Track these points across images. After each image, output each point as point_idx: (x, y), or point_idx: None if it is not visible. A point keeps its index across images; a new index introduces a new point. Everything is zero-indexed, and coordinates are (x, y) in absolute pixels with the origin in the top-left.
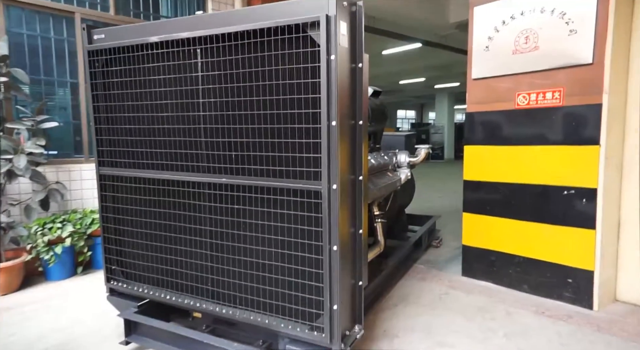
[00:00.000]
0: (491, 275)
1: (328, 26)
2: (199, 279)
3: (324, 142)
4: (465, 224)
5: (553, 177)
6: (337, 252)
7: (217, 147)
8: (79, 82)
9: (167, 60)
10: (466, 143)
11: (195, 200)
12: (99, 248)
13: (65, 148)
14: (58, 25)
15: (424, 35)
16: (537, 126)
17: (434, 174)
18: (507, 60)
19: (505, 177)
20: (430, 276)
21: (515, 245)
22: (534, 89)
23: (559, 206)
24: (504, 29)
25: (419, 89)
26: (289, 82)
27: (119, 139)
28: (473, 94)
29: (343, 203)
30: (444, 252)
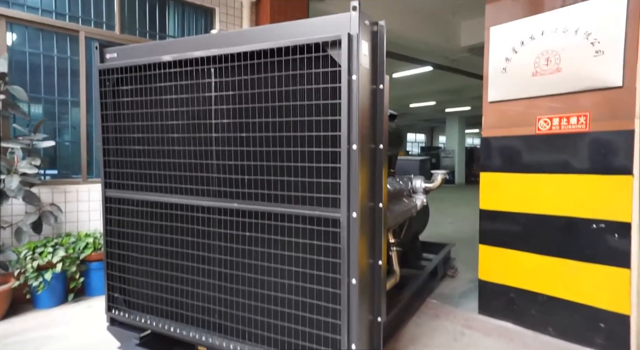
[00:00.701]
0: (511, 314)
1: (350, 45)
2: (206, 310)
3: (343, 167)
4: (481, 256)
5: (580, 209)
6: (356, 286)
7: (229, 171)
8: (80, 101)
9: (179, 80)
10: (482, 170)
11: (204, 226)
12: (92, 274)
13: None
14: (62, 44)
15: (434, 59)
16: (561, 153)
17: (445, 199)
18: (527, 83)
19: (526, 208)
20: (444, 313)
21: (538, 283)
22: (556, 113)
23: (587, 241)
24: (523, 49)
25: (429, 113)
26: (307, 103)
27: (127, 161)
28: (489, 118)
29: (362, 232)
30: (458, 285)
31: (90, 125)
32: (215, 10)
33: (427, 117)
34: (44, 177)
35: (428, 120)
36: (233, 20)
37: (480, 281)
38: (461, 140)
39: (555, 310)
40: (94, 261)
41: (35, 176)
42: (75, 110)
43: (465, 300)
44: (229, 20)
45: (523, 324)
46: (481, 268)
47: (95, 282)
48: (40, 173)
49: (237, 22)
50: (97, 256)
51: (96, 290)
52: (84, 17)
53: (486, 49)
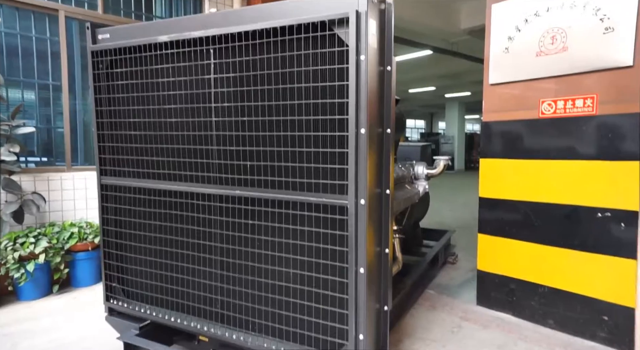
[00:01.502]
0: (510, 306)
1: (358, 23)
2: (207, 300)
3: (351, 152)
4: (480, 246)
5: (584, 197)
6: (364, 275)
7: (230, 156)
8: (61, 85)
9: (177, 62)
10: (482, 156)
11: (205, 214)
12: (78, 264)
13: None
14: (40, 24)
15: (434, 42)
16: (566, 138)
17: (444, 185)
18: (530, 63)
19: (527, 195)
20: (441, 304)
21: (538, 273)
22: (561, 95)
23: (591, 230)
24: (527, 28)
25: (429, 98)
26: (312, 85)
27: (123, 146)
28: (490, 101)
29: (370, 219)
30: (457, 274)
31: (73, 110)
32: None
33: (427, 103)
34: (25, 164)
35: (427, 106)
36: (223, 0)
37: (478, 272)
38: (461, 126)
39: (556, 302)
40: (79, 251)
41: (14, 163)
42: (57, 95)
43: (464, 290)
44: (219, 0)
45: (523, 316)
46: (480, 258)
47: (81, 273)
48: (20, 160)
49: (228, 3)
50: (82, 246)
51: (82, 281)
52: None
53: (487, 28)
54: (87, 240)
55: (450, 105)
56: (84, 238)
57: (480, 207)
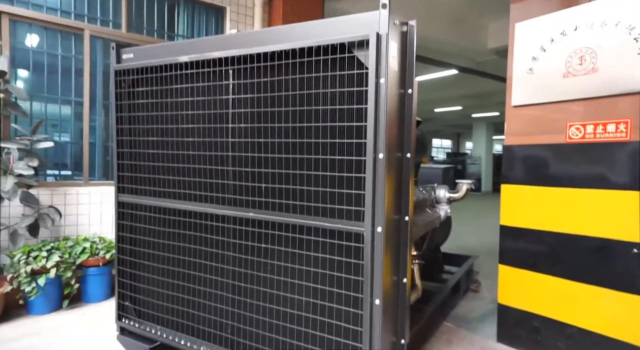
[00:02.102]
0: (534, 345)
1: (378, 46)
2: (218, 324)
3: (368, 177)
4: (501, 278)
5: (616, 230)
6: (379, 307)
7: (245, 178)
8: (83, 102)
9: (197, 82)
10: (504, 181)
11: (218, 236)
12: (89, 279)
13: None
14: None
15: (460, 62)
16: (596, 165)
17: (469, 208)
18: (557, 85)
19: (553, 226)
20: (458, 339)
21: (566, 312)
22: (590, 119)
23: (625, 267)
24: (553, 47)
25: (455, 118)
26: (330, 107)
27: (142, 165)
28: (513, 124)
29: (387, 248)
30: (477, 305)
31: (93, 126)
32: (226, 9)
33: (453, 123)
34: (45, 178)
35: (454, 125)
36: (245, 19)
37: (499, 305)
38: (489, 146)
39: (586, 345)
40: (91, 267)
41: (32, 177)
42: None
43: (484, 324)
44: (240, 19)
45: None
46: (501, 291)
47: (92, 289)
48: (40, 174)
49: (249, 21)
50: (94, 262)
51: (93, 296)
52: (89, 15)
53: (510, 48)
54: (99, 256)
55: (478, 125)
56: (95, 253)
57: (501, 235)
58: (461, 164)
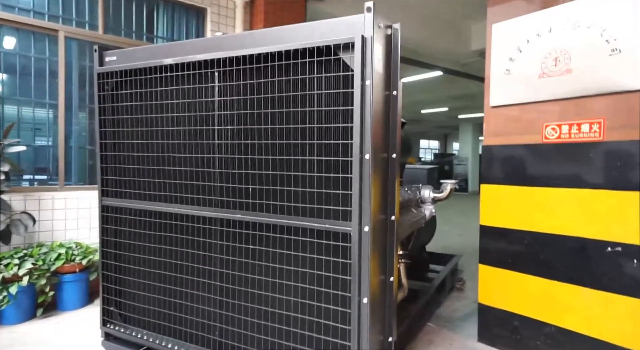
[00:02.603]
0: (514, 344)
1: (363, 48)
2: (206, 327)
3: (355, 178)
4: (482, 278)
5: (592, 229)
6: (367, 305)
7: (232, 180)
8: (58, 104)
9: (181, 84)
10: (483, 182)
11: (205, 238)
12: (65, 287)
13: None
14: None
15: (444, 63)
16: (571, 165)
17: (455, 208)
18: (532, 86)
19: (531, 225)
20: (440, 339)
21: (545, 311)
22: (565, 119)
23: (601, 266)
24: (529, 48)
25: (442, 119)
26: (316, 109)
27: (126, 168)
28: (491, 124)
29: (374, 247)
30: (460, 305)
31: (69, 129)
32: (207, 10)
33: (441, 124)
34: (19, 183)
35: (441, 126)
36: (226, 21)
37: (480, 305)
38: (475, 147)
39: (564, 343)
40: (66, 273)
41: (3, 182)
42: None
43: (466, 324)
44: (221, 21)
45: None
46: (481, 291)
47: (67, 296)
48: (12, 179)
49: (230, 22)
50: (70, 268)
51: (69, 304)
52: (64, 16)
53: (488, 49)
54: (75, 262)
55: (464, 126)
56: (71, 259)
57: (481, 235)
58: (448, 165)
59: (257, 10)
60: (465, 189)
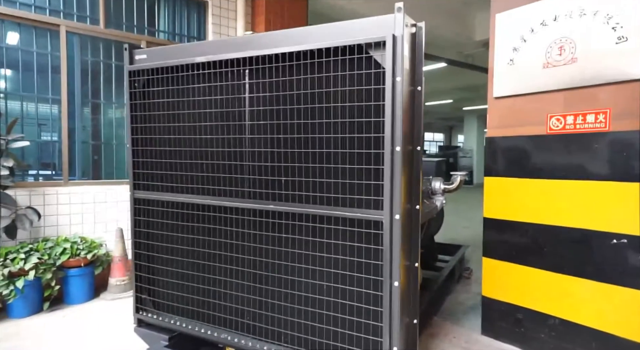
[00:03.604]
0: (517, 337)
1: (394, 47)
2: (238, 311)
3: (387, 169)
4: (485, 271)
5: (597, 221)
6: (398, 288)
7: (265, 172)
8: (61, 99)
9: (211, 81)
10: (487, 174)
11: (238, 228)
12: (71, 281)
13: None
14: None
15: (448, 54)
16: (576, 156)
17: (461, 200)
18: (537, 76)
19: (535, 217)
20: (443, 332)
21: (548, 303)
22: (570, 110)
23: (605, 258)
24: (533, 38)
25: (447, 111)
26: (348, 104)
27: (157, 162)
28: (495, 115)
29: (403, 234)
30: (463, 298)
31: (73, 124)
32: (208, 3)
33: (445, 116)
34: (23, 178)
35: (446, 118)
36: (227, 14)
37: (483, 298)
38: (480, 139)
39: (568, 335)
40: (72, 267)
41: (8, 178)
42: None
43: (469, 317)
44: (222, 14)
45: (531, 349)
46: (485, 284)
47: (73, 290)
48: (17, 174)
49: (232, 16)
50: (75, 262)
51: (75, 298)
52: (65, 11)
53: (491, 39)
54: (80, 256)
55: (469, 118)
56: (76, 254)
57: (484, 228)
58: (453, 157)
59: (258, 3)
60: (471, 182)
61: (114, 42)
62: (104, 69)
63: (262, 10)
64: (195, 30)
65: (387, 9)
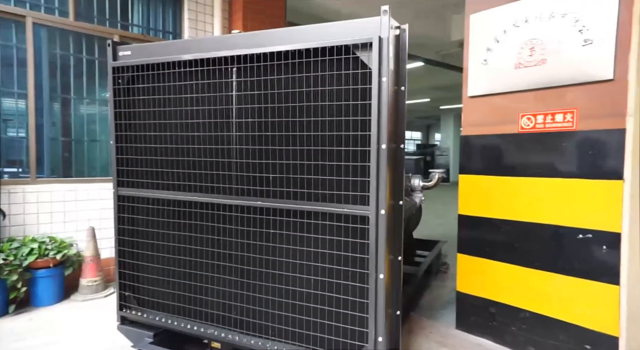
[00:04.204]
0: (490, 330)
1: (380, 48)
2: (224, 306)
3: (373, 166)
4: (460, 267)
5: (565, 217)
6: (383, 280)
7: (252, 169)
8: (28, 94)
9: (198, 79)
10: (462, 172)
11: (222, 224)
12: (39, 282)
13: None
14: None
15: (425, 54)
16: (546, 154)
17: (437, 198)
18: (509, 76)
19: (508, 214)
20: (418, 328)
21: (520, 297)
22: (540, 109)
23: (573, 253)
24: (505, 39)
25: (425, 110)
26: (336, 103)
27: (141, 159)
28: (469, 114)
29: (388, 228)
30: (440, 294)
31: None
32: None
33: (423, 114)
34: None
35: (424, 117)
36: (204, 9)
37: (458, 293)
38: (456, 138)
39: (538, 328)
40: (40, 268)
41: None
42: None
43: (444, 312)
44: (199, 9)
45: (503, 342)
46: (459, 279)
47: (41, 292)
48: None
49: (208, 11)
50: (43, 263)
51: (43, 300)
52: (32, 1)
53: (466, 39)
54: (49, 257)
55: (446, 117)
56: (45, 254)
57: (459, 224)
58: (430, 155)
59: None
60: (447, 179)
61: (84, 35)
62: (74, 63)
63: (239, 6)
64: (171, 25)
65: (369, 9)
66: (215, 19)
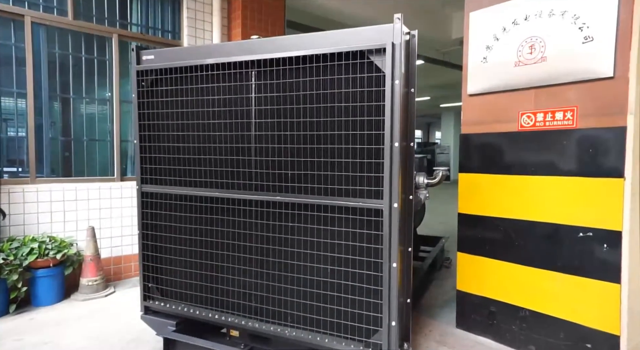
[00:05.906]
0: (490, 329)
1: (393, 53)
2: (246, 296)
3: (386, 162)
4: (459, 265)
5: (565, 215)
6: (396, 269)
7: (272, 166)
8: (27, 93)
9: (219, 82)
10: (461, 170)
11: (242, 218)
12: (39, 282)
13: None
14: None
15: (425, 52)
16: (546, 153)
17: (438, 196)
18: (509, 74)
19: (507, 212)
20: (418, 326)
21: (520, 296)
22: (540, 107)
23: (573, 251)
24: (505, 36)
25: (425, 108)
26: (351, 104)
27: (165, 157)
28: (469, 113)
29: (400, 221)
30: (440, 293)
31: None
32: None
33: (423, 113)
34: None
35: (424, 115)
36: (202, 8)
37: (458, 292)
38: (457, 136)
39: (538, 326)
40: (40, 268)
41: None
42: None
43: (445, 310)
44: (197, 8)
45: (503, 341)
46: (459, 278)
47: (42, 292)
48: None
49: (207, 10)
50: (43, 263)
51: (43, 300)
52: (31, 0)
53: (465, 37)
54: (49, 256)
55: (446, 115)
56: (45, 254)
57: (459, 223)
58: (431, 154)
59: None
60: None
61: (83, 34)
62: (73, 62)
63: (238, 5)
64: (170, 24)
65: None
66: (214, 17)
